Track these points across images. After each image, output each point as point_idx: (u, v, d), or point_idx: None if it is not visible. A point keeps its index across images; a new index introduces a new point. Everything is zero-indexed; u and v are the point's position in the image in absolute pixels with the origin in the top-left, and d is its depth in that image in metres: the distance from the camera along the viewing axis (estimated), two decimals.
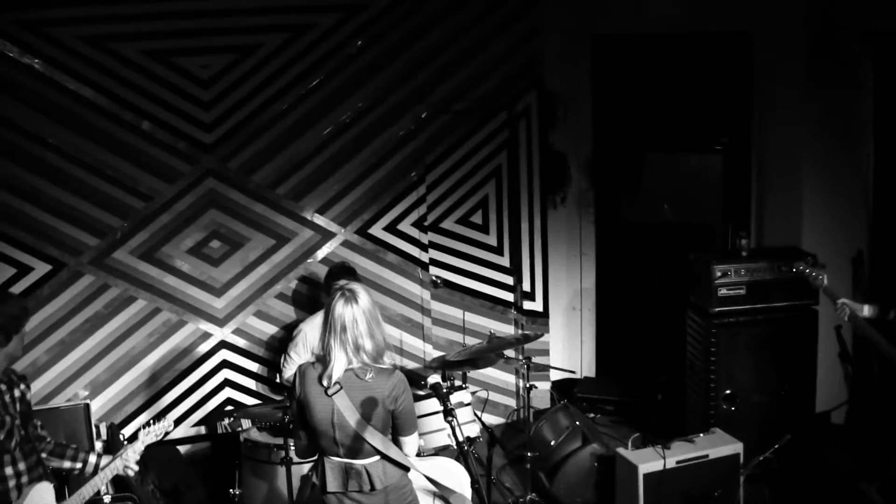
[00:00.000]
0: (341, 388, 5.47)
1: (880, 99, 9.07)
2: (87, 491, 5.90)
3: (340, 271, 8.70)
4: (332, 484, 5.60)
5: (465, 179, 10.07)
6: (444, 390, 6.03)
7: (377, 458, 5.56)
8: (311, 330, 8.67)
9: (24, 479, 5.63)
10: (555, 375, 10.20)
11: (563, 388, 10.31)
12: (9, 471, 5.57)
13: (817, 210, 9.57)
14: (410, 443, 5.76)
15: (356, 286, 5.61)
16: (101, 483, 5.96)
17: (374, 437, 5.44)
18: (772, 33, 9.78)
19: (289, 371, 8.63)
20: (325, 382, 5.52)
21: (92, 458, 6.07)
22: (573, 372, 10.06)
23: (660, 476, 7.73)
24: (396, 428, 5.66)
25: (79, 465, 6.05)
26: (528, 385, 8.44)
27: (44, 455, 5.98)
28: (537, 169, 10.25)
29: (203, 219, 9.24)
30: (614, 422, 9.98)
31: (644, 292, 10.26)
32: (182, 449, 9.30)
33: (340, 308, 5.48)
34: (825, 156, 9.59)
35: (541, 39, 10.09)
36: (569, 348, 10.66)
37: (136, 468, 6.06)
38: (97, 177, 8.87)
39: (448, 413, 5.84)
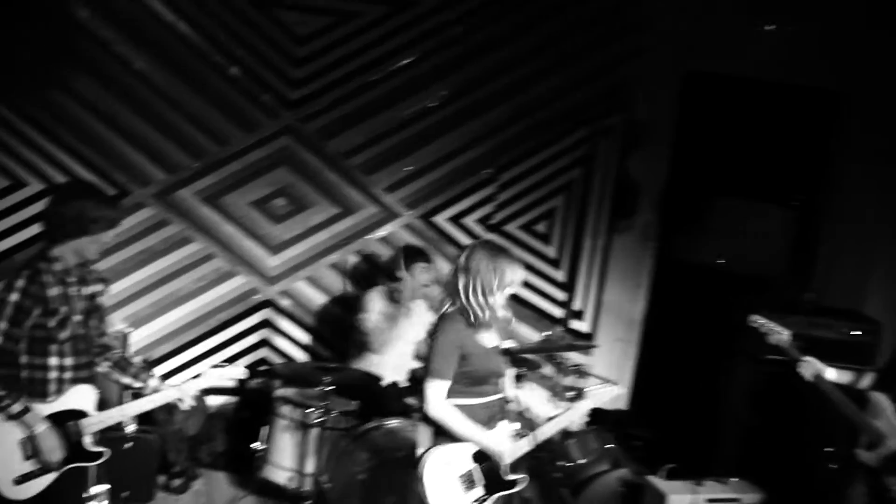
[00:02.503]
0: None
1: None
2: (130, 409, 5.69)
3: (420, 254, 8.58)
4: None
5: (537, 187, 9.82)
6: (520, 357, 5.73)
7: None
8: (377, 300, 8.56)
9: (68, 374, 5.40)
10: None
11: (596, 413, 9.96)
12: (53, 361, 5.34)
13: (886, 279, 9.14)
14: None
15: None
16: (147, 405, 5.71)
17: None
18: (863, 97, 9.52)
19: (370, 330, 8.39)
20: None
21: (152, 382, 5.81)
22: (617, 384, 9.71)
23: None
24: None
25: (138, 385, 5.80)
26: (572, 395, 8.11)
27: (106, 364, 5.82)
28: (609, 192, 9.93)
29: (272, 175, 9.05)
30: (640, 458, 9.64)
31: (691, 333, 9.89)
32: (208, 400, 8.91)
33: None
34: None
35: (635, 65, 9.84)
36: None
37: (191, 403, 5.80)
38: (177, 113, 8.72)
39: (519, 378, 5.56)
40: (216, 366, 5.95)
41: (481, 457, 5.77)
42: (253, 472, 8.08)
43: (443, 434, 5.74)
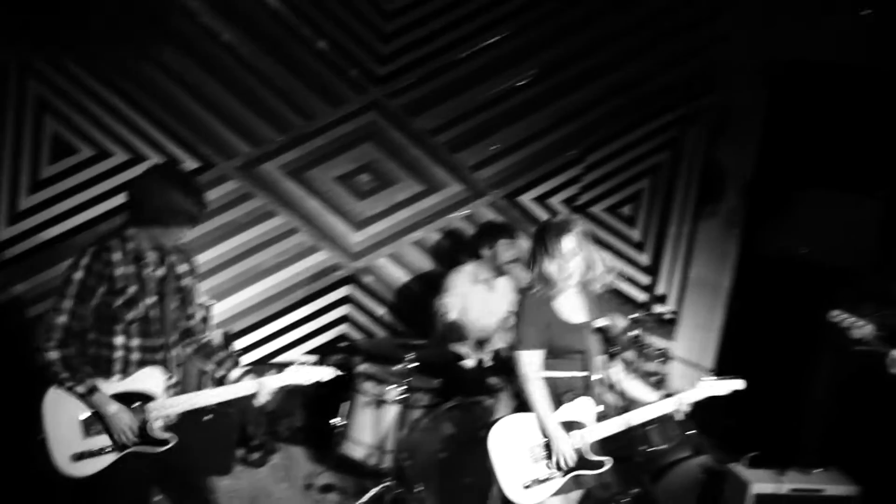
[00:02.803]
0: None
1: None
2: (200, 398, 5.41)
3: (504, 230, 8.48)
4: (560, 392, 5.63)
5: (624, 169, 9.71)
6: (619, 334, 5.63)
7: None
8: (461, 277, 8.48)
9: (135, 356, 5.23)
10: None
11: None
12: (119, 340, 5.18)
13: None
14: None
15: None
16: (221, 397, 5.49)
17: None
18: None
19: (451, 314, 8.36)
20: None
21: (235, 373, 5.58)
22: (711, 370, 9.58)
23: (770, 500, 7.38)
24: None
25: (220, 374, 5.60)
26: (660, 377, 8.00)
27: (190, 349, 5.66)
28: (696, 177, 9.81)
29: (358, 150, 8.98)
30: (721, 446, 9.49)
31: (775, 321, 9.70)
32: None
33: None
34: None
35: (724, 49, 9.71)
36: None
37: (266, 400, 5.54)
38: (265, 86, 8.65)
39: (612, 355, 5.45)
40: (304, 363, 5.76)
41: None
42: (332, 447, 8.04)
43: (525, 406, 5.65)
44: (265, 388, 5.48)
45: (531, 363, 5.61)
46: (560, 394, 5.64)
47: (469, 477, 6.80)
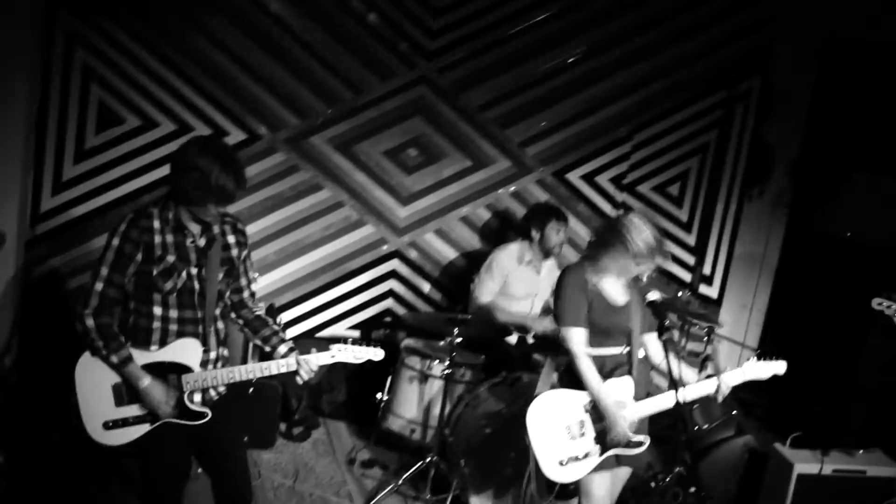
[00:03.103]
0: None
1: None
2: (240, 373, 5.26)
3: (554, 212, 8.42)
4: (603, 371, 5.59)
5: (672, 148, 9.64)
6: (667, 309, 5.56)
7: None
8: (506, 257, 8.38)
9: (173, 326, 5.12)
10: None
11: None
12: (157, 311, 5.08)
13: None
14: None
15: None
16: (262, 372, 5.32)
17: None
18: None
19: (484, 296, 8.31)
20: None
21: (282, 348, 5.43)
22: (756, 350, 9.48)
23: (813, 480, 7.31)
24: None
25: (267, 349, 5.47)
26: (705, 355, 7.92)
27: (239, 322, 5.53)
28: (744, 156, 9.75)
29: (406, 124, 8.94)
30: (762, 427, 9.44)
31: (820, 303, 9.62)
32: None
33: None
34: None
35: (773, 28, 9.61)
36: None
37: (308, 377, 5.40)
38: (314, 59, 8.61)
39: (664, 330, 5.38)
40: (355, 341, 5.58)
41: (598, 411, 5.62)
42: (375, 422, 8.02)
43: (567, 382, 5.62)
44: (309, 365, 5.35)
45: (578, 340, 5.55)
46: (606, 371, 5.58)
47: (512, 452, 6.73)
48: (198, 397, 5.24)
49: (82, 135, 8.20)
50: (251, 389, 7.66)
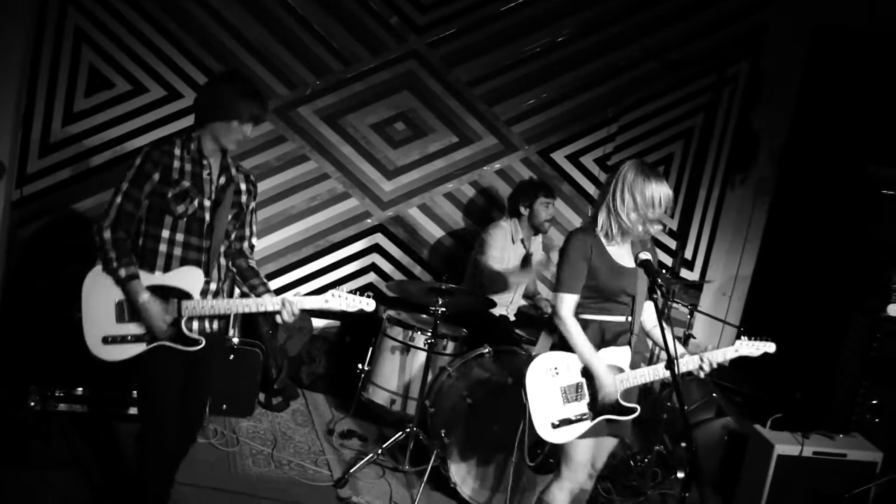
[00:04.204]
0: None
1: None
2: (236, 306, 5.44)
3: (543, 188, 8.40)
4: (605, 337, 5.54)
5: (657, 131, 9.65)
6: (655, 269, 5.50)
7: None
8: (500, 233, 8.41)
9: (177, 251, 5.27)
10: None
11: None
12: (165, 234, 5.23)
13: None
14: None
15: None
16: (255, 308, 5.43)
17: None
18: None
19: (496, 264, 8.26)
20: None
21: (267, 297, 5.50)
22: (740, 328, 9.45)
23: (793, 462, 7.26)
24: None
25: (253, 298, 5.54)
26: (687, 333, 7.92)
27: (234, 269, 5.63)
28: (728, 141, 9.76)
29: (394, 98, 8.90)
30: (741, 414, 9.41)
31: (801, 291, 9.59)
32: (315, 322, 8.81)
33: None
34: None
35: (765, 14, 9.65)
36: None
37: (288, 319, 5.45)
38: (305, 29, 8.57)
39: (654, 289, 5.33)
40: (351, 291, 5.61)
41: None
42: (354, 395, 8.00)
43: (562, 346, 5.55)
44: (293, 307, 5.43)
45: (569, 306, 5.50)
46: (607, 338, 5.53)
47: (495, 425, 6.69)
48: (195, 325, 5.39)
49: (71, 98, 8.14)
50: (232, 356, 7.57)
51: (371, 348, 7.91)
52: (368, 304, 5.58)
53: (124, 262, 5.09)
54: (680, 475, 7.61)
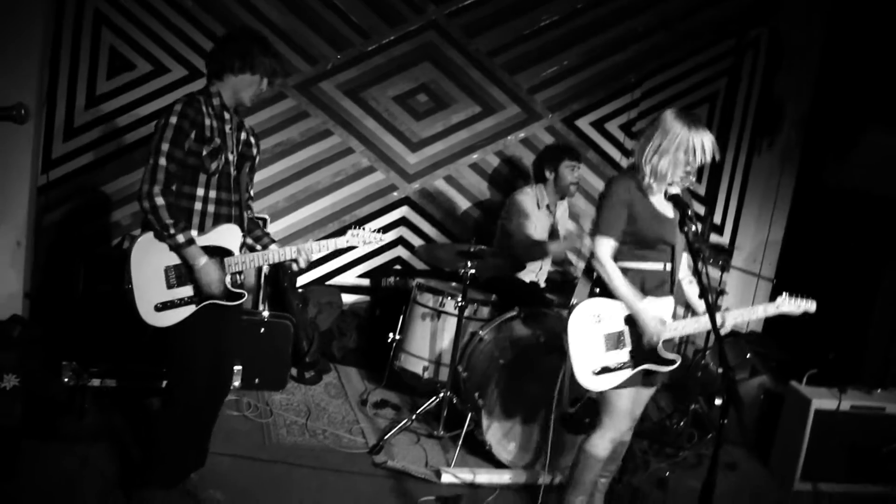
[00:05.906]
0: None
1: None
2: (271, 256, 5.54)
3: (568, 151, 8.30)
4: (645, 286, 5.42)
5: (681, 96, 9.57)
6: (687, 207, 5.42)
7: None
8: (527, 200, 8.31)
9: (211, 208, 5.29)
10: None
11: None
12: (199, 192, 5.24)
13: None
14: None
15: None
16: (283, 256, 5.55)
17: None
18: None
19: (524, 230, 8.20)
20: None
21: (273, 247, 5.66)
22: (774, 281, 9.37)
23: (831, 417, 7.19)
24: None
25: (258, 248, 5.67)
26: (719, 289, 7.85)
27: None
28: (753, 106, 9.68)
29: (416, 70, 8.83)
30: (775, 377, 9.32)
31: (830, 255, 9.50)
32: (344, 297, 8.75)
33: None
34: None
35: None
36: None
37: (303, 265, 5.63)
38: (323, 4, 8.51)
39: (684, 222, 5.26)
40: (361, 228, 5.72)
41: (635, 322, 5.51)
42: (386, 366, 7.96)
43: (601, 293, 5.46)
44: (306, 252, 5.58)
45: (607, 251, 5.43)
46: (648, 287, 5.46)
47: (528, 385, 6.64)
48: (237, 279, 5.46)
49: (93, 81, 8.09)
50: (263, 329, 7.55)
51: (402, 316, 7.79)
52: (378, 239, 5.74)
53: (181, 227, 5.09)
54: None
